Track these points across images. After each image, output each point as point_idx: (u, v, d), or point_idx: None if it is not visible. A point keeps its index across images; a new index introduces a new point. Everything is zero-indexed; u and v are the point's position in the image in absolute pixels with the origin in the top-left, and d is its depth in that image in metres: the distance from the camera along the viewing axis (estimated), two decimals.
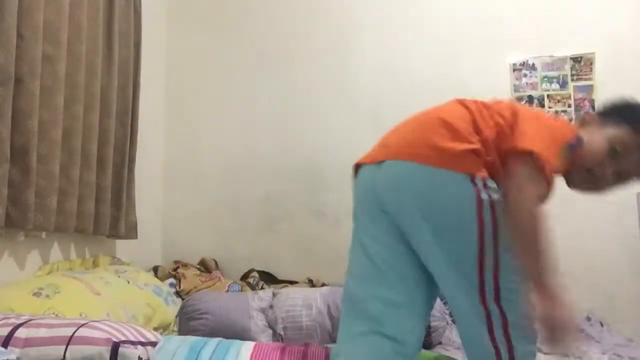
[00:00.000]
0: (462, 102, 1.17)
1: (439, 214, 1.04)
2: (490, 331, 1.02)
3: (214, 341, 1.17)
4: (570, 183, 1.23)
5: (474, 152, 1.03)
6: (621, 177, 1.19)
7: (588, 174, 1.18)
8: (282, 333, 1.81)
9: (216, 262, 2.77)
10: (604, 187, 1.21)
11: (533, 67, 2.66)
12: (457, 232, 1.03)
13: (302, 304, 1.87)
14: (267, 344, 1.22)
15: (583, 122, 1.22)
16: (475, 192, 1.02)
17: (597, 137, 1.17)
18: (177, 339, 1.19)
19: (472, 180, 1.02)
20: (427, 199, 1.06)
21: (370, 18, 2.85)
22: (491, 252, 1.01)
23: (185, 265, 2.64)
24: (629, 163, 1.17)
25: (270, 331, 1.84)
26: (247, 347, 1.15)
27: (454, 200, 1.03)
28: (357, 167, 1.33)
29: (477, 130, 1.06)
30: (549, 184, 1.04)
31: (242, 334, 1.73)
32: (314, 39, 2.91)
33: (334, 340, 1.74)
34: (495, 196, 1.03)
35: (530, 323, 0.99)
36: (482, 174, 1.03)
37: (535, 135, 1.03)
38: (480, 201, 1.01)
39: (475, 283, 1.02)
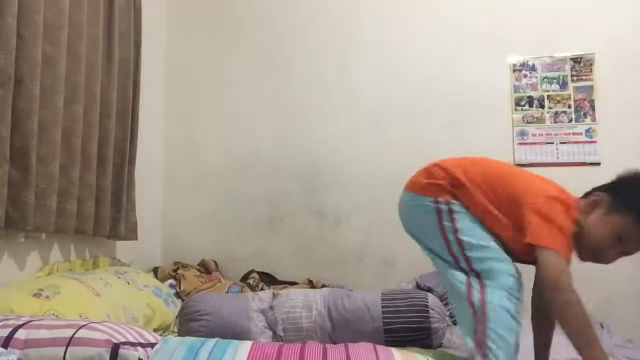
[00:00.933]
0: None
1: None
2: (469, 291, 1.31)
3: (211, 341, 1.17)
4: (578, 256, 1.38)
5: (437, 185, 1.43)
6: (624, 254, 1.35)
7: (593, 253, 1.35)
8: (282, 334, 1.80)
9: (216, 263, 2.77)
10: (608, 262, 1.38)
11: (533, 68, 2.66)
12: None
13: (302, 305, 1.87)
14: (265, 343, 1.22)
15: (594, 205, 1.37)
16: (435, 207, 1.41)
17: (603, 225, 1.32)
18: (175, 340, 1.19)
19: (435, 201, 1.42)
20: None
21: (370, 19, 2.85)
22: (455, 244, 1.36)
23: (185, 266, 2.64)
24: (631, 247, 1.33)
25: (270, 332, 1.83)
26: (245, 346, 1.15)
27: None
28: None
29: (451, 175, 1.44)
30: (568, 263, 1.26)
31: (241, 335, 1.72)
32: (314, 39, 2.91)
33: (333, 342, 1.74)
34: (455, 208, 1.38)
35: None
36: (445, 197, 1.41)
37: (549, 233, 1.26)
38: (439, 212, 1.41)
39: (453, 263, 1.38)
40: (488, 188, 1.38)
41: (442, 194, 1.43)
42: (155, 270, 2.61)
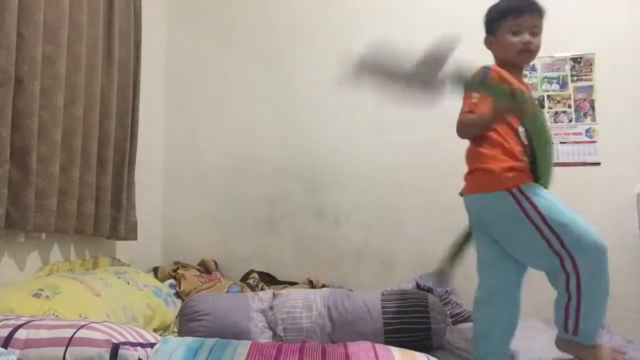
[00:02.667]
0: None
1: None
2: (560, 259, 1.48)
3: (210, 341, 1.17)
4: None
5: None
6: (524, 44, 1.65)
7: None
8: (282, 334, 1.80)
9: (216, 263, 2.77)
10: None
11: (533, 68, 2.66)
12: None
13: (302, 305, 1.87)
14: (264, 343, 1.22)
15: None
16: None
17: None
18: (174, 340, 1.19)
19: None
20: None
21: (370, 18, 2.85)
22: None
23: (185, 266, 2.64)
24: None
25: (270, 332, 1.83)
26: (244, 346, 1.15)
27: None
28: None
29: None
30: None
31: (241, 336, 1.72)
32: (314, 39, 2.91)
33: (333, 342, 1.74)
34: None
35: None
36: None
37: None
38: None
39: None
40: None
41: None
42: (155, 270, 2.61)
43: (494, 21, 1.70)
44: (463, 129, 1.59)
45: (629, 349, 1.76)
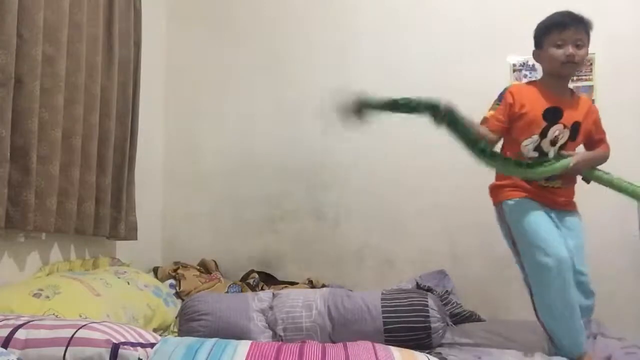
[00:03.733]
0: None
1: None
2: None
3: (210, 341, 1.17)
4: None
5: None
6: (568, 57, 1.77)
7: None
8: (282, 334, 1.80)
9: (216, 263, 2.77)
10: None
11: (533, 68, 2.65)
12: None
13: (302, 305, 1.87)
14: (264, 343, 1.22)
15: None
16: None
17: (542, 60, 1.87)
18: (174, 340, 1.19)
19: None
20: None
21: (370, 19, 2.85)
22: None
23: (185, 266, 2.64)
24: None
25: (270, 332, 1.83)
26: (244, 346, 1.15)
27: None
28: None
29: None
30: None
31: (241, 335, 1.72)
32: (313, 39, 2.91)
33: (333, 341, 1.74)
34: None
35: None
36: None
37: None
38: None
39: None
40: None
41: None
42: (155, 270, 2.61)
43: (540, 35, 1.81)
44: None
45: (628, 350, 1.76)
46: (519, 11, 2.69)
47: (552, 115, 1.73)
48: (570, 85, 2.67)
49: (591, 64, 2.61)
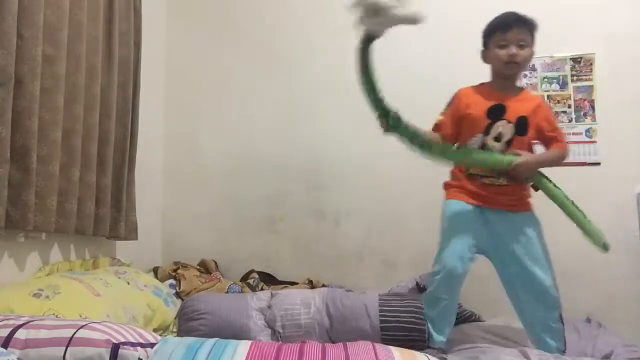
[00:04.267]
0: None
1: None
2: None
3: (210, 341, 1.17)
4: None
5: None
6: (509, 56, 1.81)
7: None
8: (280, 330, 1.81)
9: (216, 263, 2.77)
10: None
11: (533, 68, 2.66)
12: None
13: (300, 302, 1.88)
14: (264, 343, 1.22)
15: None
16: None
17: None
18: (173, 341, 1.19)
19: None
20: None
21: None
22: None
23: (185, 266, 2.64)
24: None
25: (269, 331, 1.84)
26: (244, 346, 1.15)
27: None
28: None
29: None
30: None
31: (241, 333, 1.73)
32: (313, 38, 2.91)
33: (330, 337, 1.75)
34: None
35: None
36: None
37: None
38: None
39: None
40: None
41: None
42: (155, 270, 2.61)
43: (486, 36, 1.86)
44: None
45: (628, 350, 1.75)
46: (519, 11, 2.69)
47: (495, 113, 1.77)
48: (571, 85, 2.70)
49: (591, 64, 2.61)
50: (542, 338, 1.70)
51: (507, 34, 1.77)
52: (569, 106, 2.61)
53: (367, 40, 1.67)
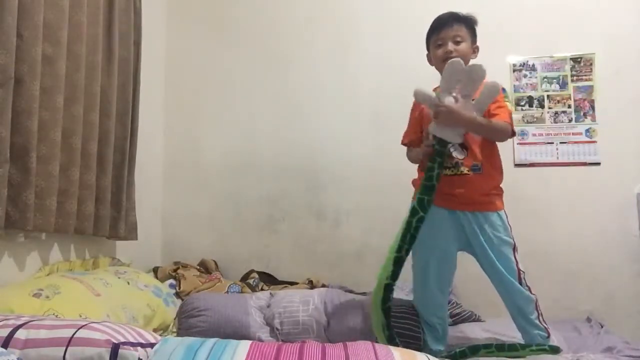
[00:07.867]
0: None
1: None
2: None
3: (210, 341, 1.17)
4: None
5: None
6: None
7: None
8: (278, 327, 1.81)
9: (216, 263, 2.77)
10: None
11: (533, 68, 2.66)
12: None
13: (299, 300, 1.89)
14: (264, 343, 1.22)
15: None
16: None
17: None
18: (174, 340, 1.18)
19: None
20: None
21: (370, 18, 2.85)
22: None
23: (185, 266, 2.64)
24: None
25: (268, 328, 1.84)
26: (244, 346, 1.15)
27: None
28: None
29: None
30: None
31: (240, 330, 1.74)
32: (313, 38, 2.91)
33: (329, 336, 1.75)
34: None
35: None
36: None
37: None
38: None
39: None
40: None
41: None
42: (155, 270, 2.61)
43: (426, 40, 1.91)
44: None
45: (628, 349, 1.76)
46: (519, 11, 2.70)
47: None
48: (571, 85, 2.69)
49: (591, 64, 2.61)
50: (524, 329, 1.72)
51: (441, 33, 1.81)
52: (569, 106, 2.61)
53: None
